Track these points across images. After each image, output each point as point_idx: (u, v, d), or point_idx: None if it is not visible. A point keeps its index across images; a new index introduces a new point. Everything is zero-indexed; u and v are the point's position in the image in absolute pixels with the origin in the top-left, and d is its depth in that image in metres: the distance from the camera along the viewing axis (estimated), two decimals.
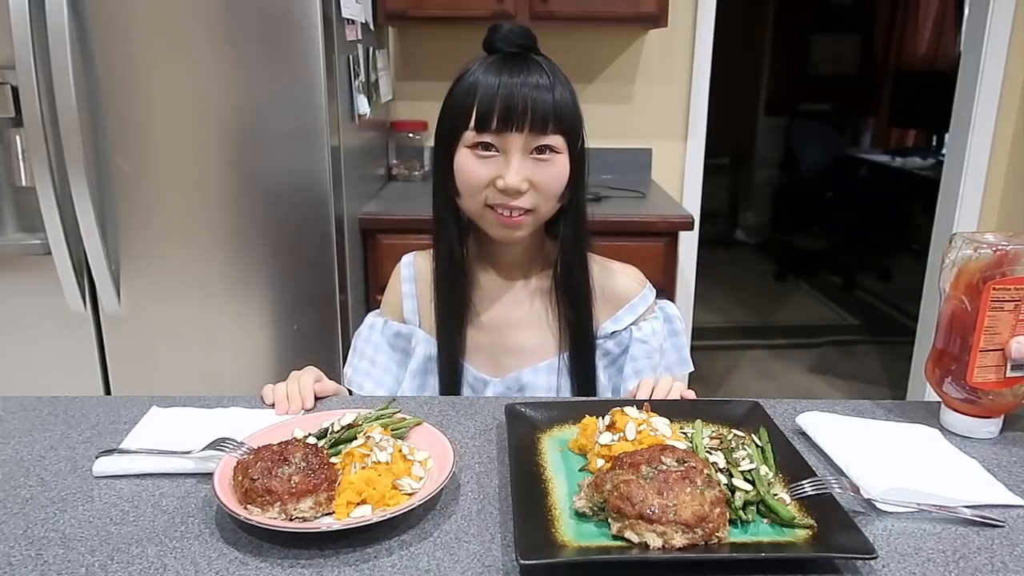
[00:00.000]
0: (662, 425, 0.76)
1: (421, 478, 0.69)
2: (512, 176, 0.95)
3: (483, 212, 0.99)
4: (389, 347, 1.12)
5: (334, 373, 1.10)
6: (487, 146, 0.96)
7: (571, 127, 0.97)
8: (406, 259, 1.14)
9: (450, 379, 1.07)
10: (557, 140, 0.96)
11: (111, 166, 1.72)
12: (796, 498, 0.67)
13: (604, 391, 1.09)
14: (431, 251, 1.10)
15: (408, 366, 1.10)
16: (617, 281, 1.10)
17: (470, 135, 0.96)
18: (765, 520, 0.65)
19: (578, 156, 0.99)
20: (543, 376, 1.07)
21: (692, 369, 1.13)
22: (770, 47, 5.73)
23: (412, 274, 1.12)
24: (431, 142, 2.84)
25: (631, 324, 1.09)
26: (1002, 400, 0.82)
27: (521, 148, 0.95)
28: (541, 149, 0.96)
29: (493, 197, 0.97)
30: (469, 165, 0.97)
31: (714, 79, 2.61)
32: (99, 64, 1.67)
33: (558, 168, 0.97)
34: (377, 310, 1.16)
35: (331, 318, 1.83)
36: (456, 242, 1.04)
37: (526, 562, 0.57)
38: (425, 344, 1.09)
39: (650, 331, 1.08)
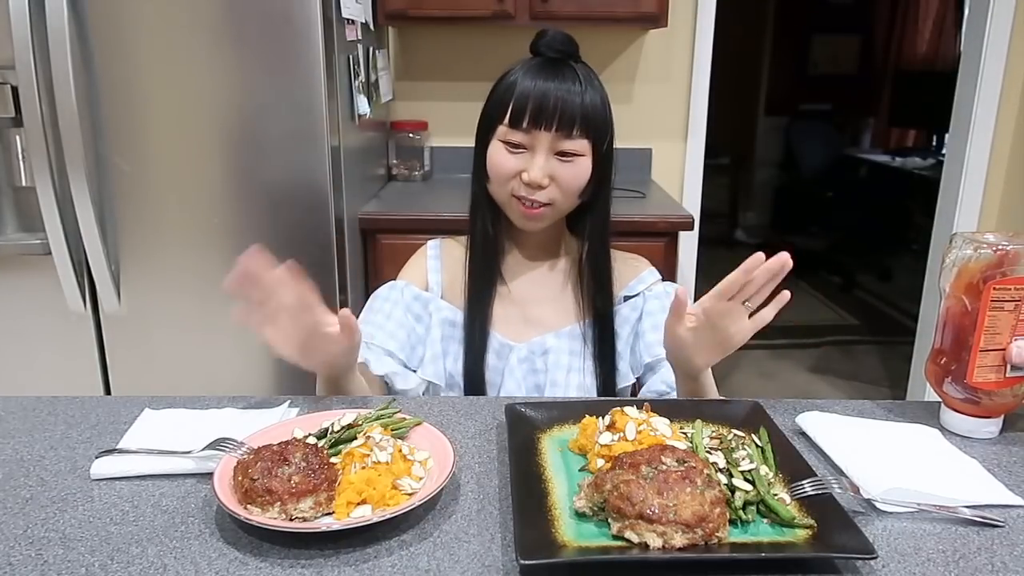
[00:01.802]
0: (662, 425, 0.76)
1: (421, 478, 0.69)
2: (535, 171, 1.04)
3: (508, 200, 1.09)
4: (405, 308, 1.15)
5: None
6: (517, 144, 1.05)
7: (597, 131, 1.05)
8: (432, 243, 1.22)
9: (479, 347, 1.12)
10: (581, 143, 1.04)
11: (111, 166, 1.72)
12: (796, 498, 0.67)
13: (620, 359, 1.15)
14: (455, 239, 1.22)
15: (424, 338, 1.15)
16: (627, 262, 1.21)
17: (503, 129, 1.05)
18: (765, 520, 0.65)
19: (602, 158, 1.07)
20: (565, 340, 1.14)
21: None
22: (770, 47, 5.74)
23: (438, 254, 1.21)
24: (431, 142, 2.86)
25: (643, 290, 1.17)
26: (1002, 400, 0.82)
27: (547, 147, 1.04)
28: (565, 154, 1.04)
29: (518, 188, 1.06)
30: (499, 156, 1.06)
31: (714, 79, 2.61)
32: (99, 64, 1.66)
33: (579, 169, 1.06)
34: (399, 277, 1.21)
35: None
36: (489, 222, 1.13)
37: (526, 562, 0.57)
38: (448, 311, 1.15)
39: (662, 289, 1.17)
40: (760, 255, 0.86)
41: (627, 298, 1.18)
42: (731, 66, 3.30)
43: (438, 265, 1.20)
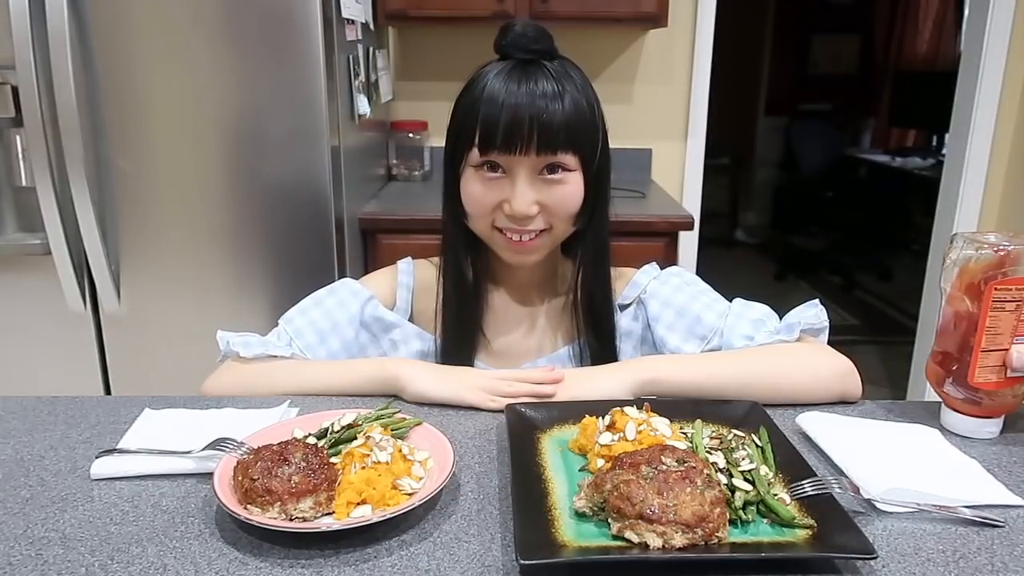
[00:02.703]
0: (662, 425, 0.76)
1: (421, 478, 0.69)
2: (519, 202, 0.90)
3: (492, 235, 0.96)
4: (359, 321, 1.02)
5: None
6: (493, 166, 0.91)
7: (585, 142, 0.91)
8: (404, 266, 1.09)
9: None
10: (568, 159, 0.91)
11: (111, 166, 1.72)
12: (796, 498, 0.67)
13: None
14: (432, 260, 1.09)
15: (369, 352, 1.04)
16: (621, 279, 1.08)
17: (474, 155, 0.92)
18: (765, 520, 0.65)
19: (596, 171, 0.93)
20: (557, 364, 1.03)
21: (734, 300, 1.04)
22: (770, 47, 5.74)
23: (410, 270, 1.09)
24: (431, 142, 2.85)
25: (639, 293, 1.04)
26: (1003, 400, 0.82)
27: (529, 169, 0.90)
28: (552, 168, 0.91)
29: (502, 221, 0.93)
30: (474, 189, 0.93)
31: (714, 79, 2.61)
32: (99, 64, 1.67)
33: (570, 188, 0.92)
34: (361, 282, 1.07)
35: None
36: (465, 265, 1.00)
37: (526, 562, 0.57)
38: (419, 341, 1.04)
39: (656, 284, 1.04)
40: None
41: (623, 307, 1.05)
42: (731, 66, 3.30)
43: (410, 282, 1.07)
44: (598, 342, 1.02)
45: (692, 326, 0.99)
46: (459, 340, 1.02)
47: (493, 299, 1.05)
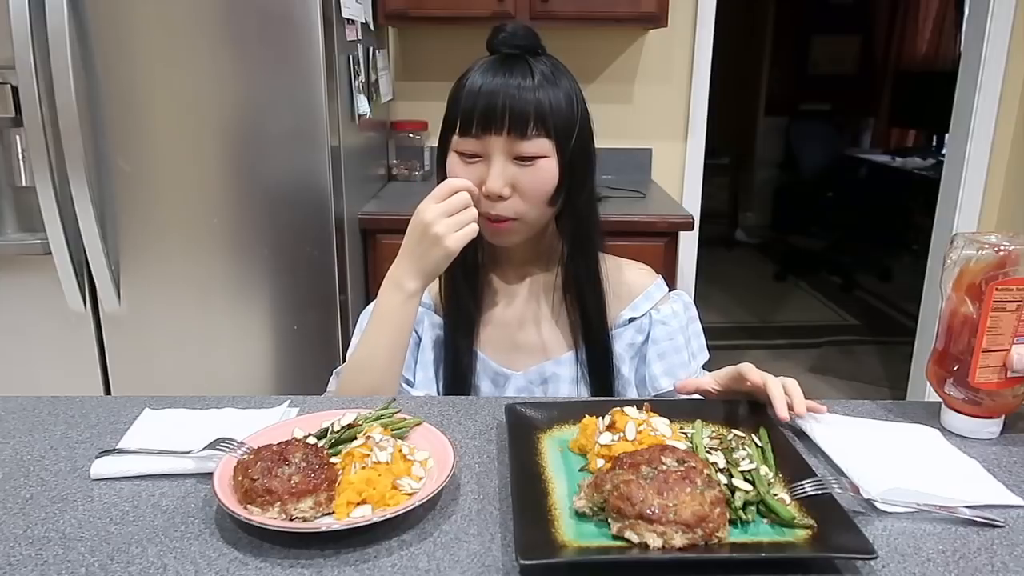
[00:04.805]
0: (662, 425, 0.76)
1: (421, 478, 0.69)
2: (493, 180, 0.95)
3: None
4: None
5: None
6: (472, 155, 0.97)
7: (559, 128, 0.95)
8: None
9: (456, 382, 1.06)
10: (541, 143, 0.95)
11: (111, 166, 1.72)
12: (796, 498, 0.67)
13: (627, 385, 1.07)
14: None
15: (415, 352, 1.09)
16: (630, 276, 1.11)
17: (456, 139, 0.97)
18: (765, 520, 0.65)
19: (569, 159, 0.97)
20: (566, 368, 1.07)
21: (708, 357, 1.13)
22: (770, 47, 5.74)
23: None
24: (431, 142, 2.86)
25: (650, 309, 1.09)
26: (1003, 401, 0.82)
27: (503, 152, 0.95)
28: (524, 158, 0.95)
29: (481, 204, 0.98)
30: (455, 169, 0.99)
31: (714, 79, 2.61)
32: (99, 64, 1.67)
33: (543, 173, 0.96)
34: None
35: (331, 318, 1.83)
36: None
37: (526, 562, 0.57)
38: (439, 327, 1.09)
39: (669, 312, 1.08)
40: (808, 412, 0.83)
41: (632, 319, 1.08)
42: (731, 66, 3.31)
43: None
44: (583, 319, 1.06)
45: (677, 366, 1.07)
46: (460, 314, 1.07)
47: (491, 277, 1.10)
